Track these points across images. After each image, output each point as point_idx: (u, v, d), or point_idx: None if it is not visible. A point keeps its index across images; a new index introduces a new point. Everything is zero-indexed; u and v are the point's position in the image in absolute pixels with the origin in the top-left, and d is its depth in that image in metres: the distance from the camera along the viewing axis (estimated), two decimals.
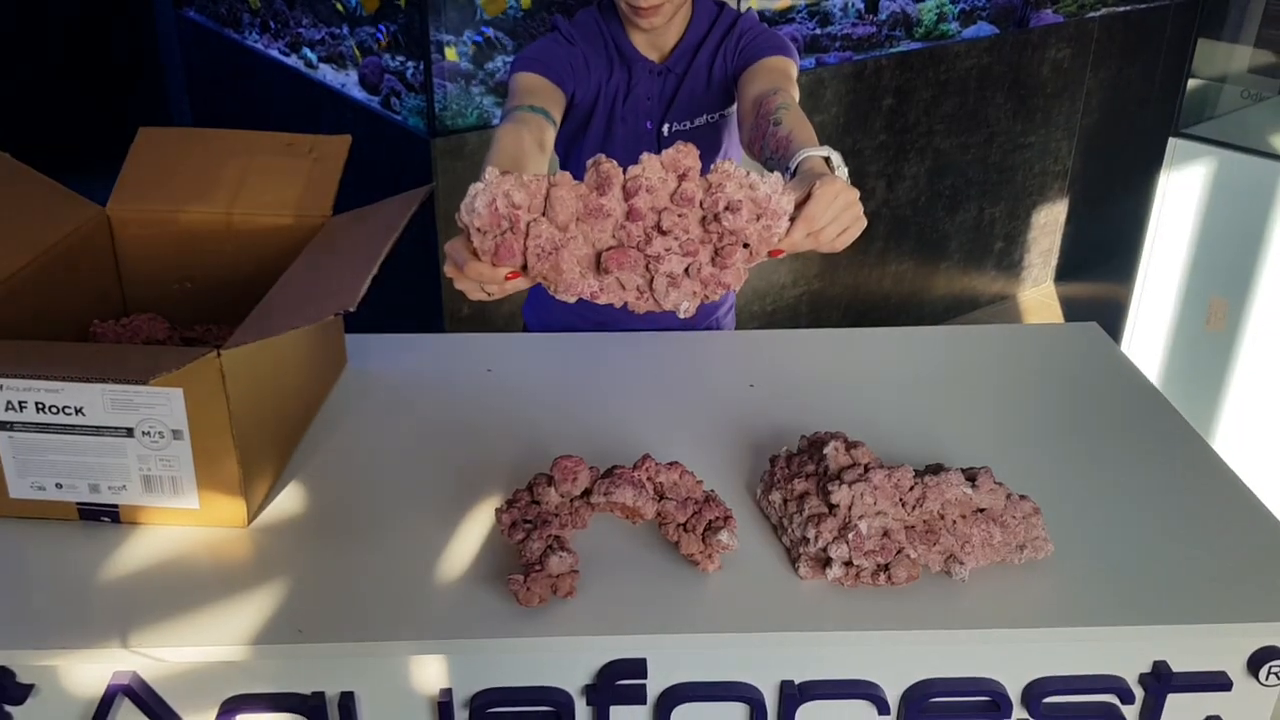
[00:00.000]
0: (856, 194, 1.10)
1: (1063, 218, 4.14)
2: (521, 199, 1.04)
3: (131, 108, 4.63)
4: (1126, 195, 4.22)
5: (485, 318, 2.74)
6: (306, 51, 3.27)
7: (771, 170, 1.19)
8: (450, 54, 2.61)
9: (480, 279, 1.07)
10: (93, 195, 1.53)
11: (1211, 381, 2.92)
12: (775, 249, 1.07)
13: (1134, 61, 4.06)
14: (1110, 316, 3.13)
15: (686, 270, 1.06)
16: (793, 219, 1.07)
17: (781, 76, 1.50)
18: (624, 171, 1.05)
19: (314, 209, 1.49)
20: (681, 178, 1.05)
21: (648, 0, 1.46)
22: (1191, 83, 2.96)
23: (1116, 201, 4.27)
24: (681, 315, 1.09)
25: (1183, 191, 2.89)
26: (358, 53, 3.01)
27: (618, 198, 1.05)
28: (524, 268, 1.06)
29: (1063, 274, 4.27)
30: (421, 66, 2.62)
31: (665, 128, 1.62)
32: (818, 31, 3.28)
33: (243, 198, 1.51)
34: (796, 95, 1.49)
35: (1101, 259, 4.28)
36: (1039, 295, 4.19)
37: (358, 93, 2.99)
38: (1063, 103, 3.87)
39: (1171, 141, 2.88)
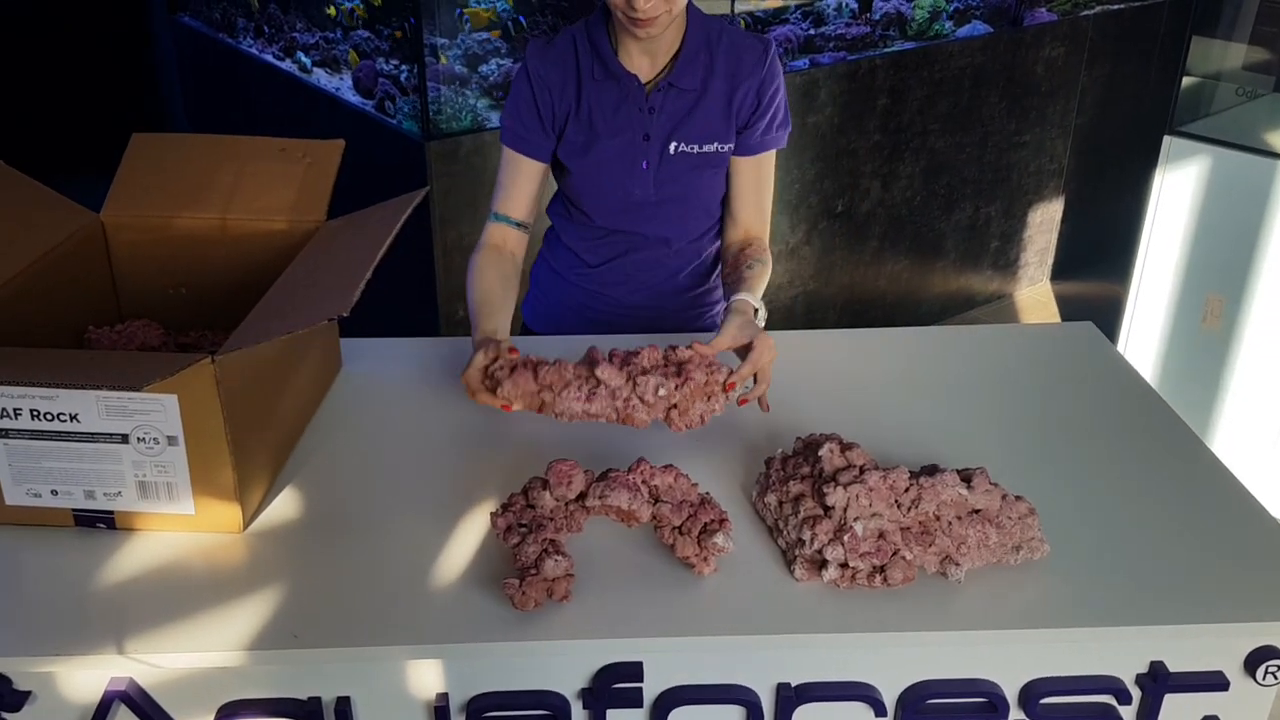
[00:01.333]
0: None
1: (1058, 216, 4.15)
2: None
3: (126, 113, 4.62)
4: (1122, 194, 4.23)
5: None
6: (300, 56, 3.27)
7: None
8: (442, 59, 2.61)
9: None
10: (87, 200, 1.52)
11: (1208, 379, 2.92)
12: (730, 382, 1.34)
13: (1128, 59, 4.06)
14: (1106, 315, 3.13)
15: (662, 377, 1.31)
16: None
17: (765, 193, 1.68)
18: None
19: (308, 214, 1.49)
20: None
21: (645, 13, 1.45)
22: (1186, 80, 2.96)
23: (1112, 200, 4.27)
24: (657, 400, 1.31)
25: (1178, 189, 2.90)
26: (354, 55, 3.01)
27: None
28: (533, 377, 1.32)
29: (1059, 273, 4.27)
30: (415, 70, 2.62)
31: (672, 146, 1.60)
32: (811, 32, 3.28)
33: (236, 203, 1.51)
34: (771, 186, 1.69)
35: (1097, 257, 4.29)
36: (1035, 294, 4.19)
37: (352, 97, 2.99)
38: (1057, 101, 3.87)
39: (1166, 139, 2.89)
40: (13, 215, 1.42)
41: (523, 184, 1.63)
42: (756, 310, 1.52)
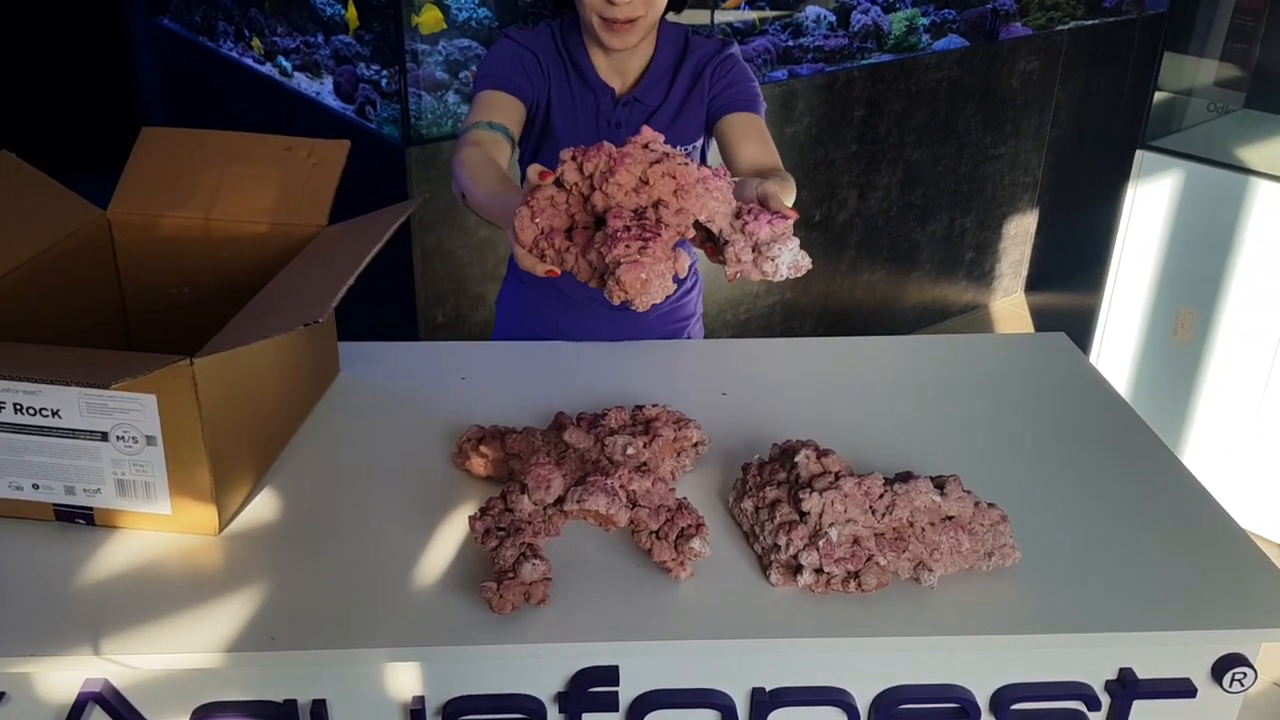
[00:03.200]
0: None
1: (1033, 228, 4.19)
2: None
3: (105, 115, 4.59)
4: (1094, 206, 4.27)
5: (459, 325, 2.74)
6: (281, 60, 3.26)
7: None
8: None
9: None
10: None
11: (1179, 391, 2.96)
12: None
13: (1102, 74, 4.11)
14: (1079, 326, 3.16)
15: (630, 436, 1.26)
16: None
17: (766, 140, 1.53)
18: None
19: (309, 217, 1.48)
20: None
21: (624, 13, 1.43)
22: (1158, 96, 3.00)
23: (1085, 212, 4.32)
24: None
25: (1150, 203, 2.93)
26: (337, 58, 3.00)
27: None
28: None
29: (1033, 284, 4.31)
30: (396, 75, 2.62)
31: None
32: (790, 43, 3.30)
33: (238, 204, 1.50)
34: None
35: (1071, 269, 4.33)
36: (1009, 305, 4.23)
37: (332, 101, 2.98)
38: (1032, 115, 3.91)
39: (1139, 154, 2.92)
40: (17, 208, 1.41)
41: (512, 112, 1.52)
42: None
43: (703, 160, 1.69)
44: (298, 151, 1.53)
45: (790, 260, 1.11)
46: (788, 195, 1.41)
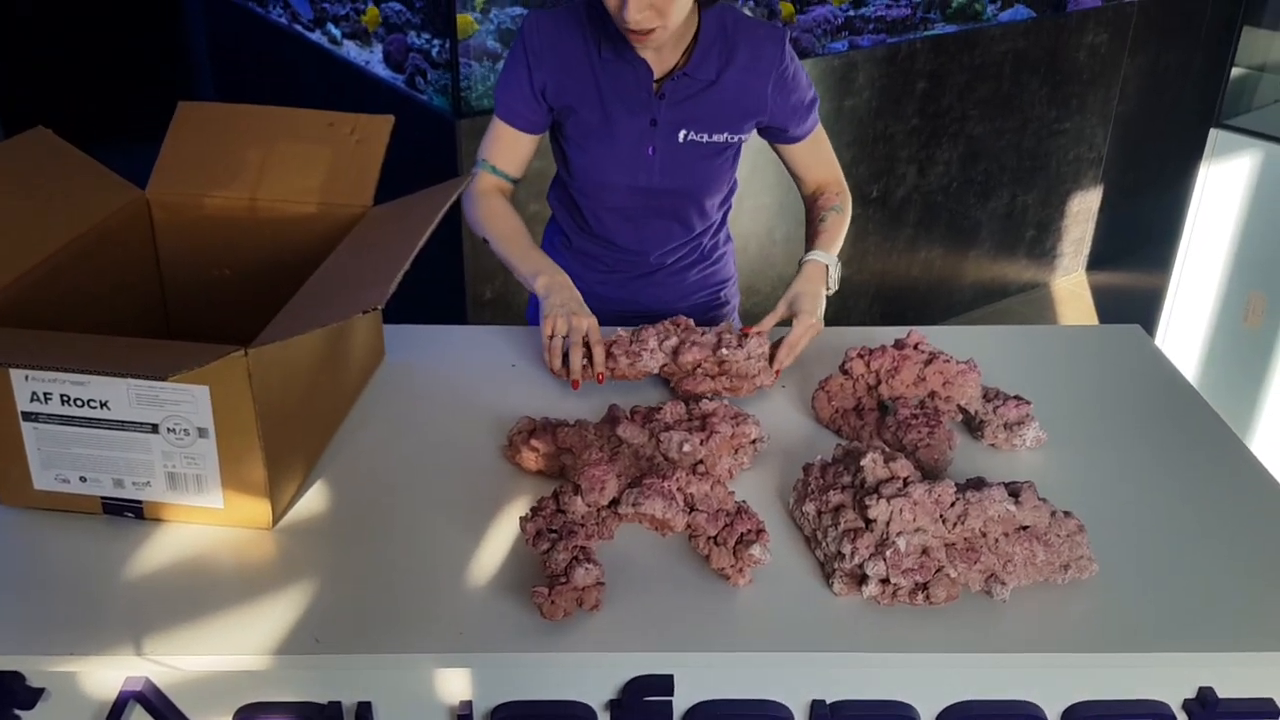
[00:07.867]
0: (821, 327, 1.51)
1: (1096, 206, 4.07)
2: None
3: (154, 82, 4.59)
4: (1162, 185, 4.15)
5: (507, 303, 2.70)
6: (331, 27, 3.22)
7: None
8: (466, 22, 2.56)
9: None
10: (113, 169, 1.48)
11: (1250, 378, 2.86)
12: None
13: (1172, 48, 3.97)
14: (1143, 308, 3.07)
15: (686, 432, 1.29)
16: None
17: (827, 154, 1.69)
18: None
19: (354, 197, 1.45)
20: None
21: (636, 24, 1.39)
22: (1234, 72, 2.88)
23: (1151, 191, 4.19)
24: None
25: (1223, 184, 2.83)
26: (374, 11, 2.96)
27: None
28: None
29: (1095, 263, 4.20)
30: (446, 45, 2.57)
31: (681, 134, 1.56)
32: (851, 13, 3.21)
33: (281, 183, 1.46)
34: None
35: (1135, 249, 4.21)
36: (1070, 284, 4.12)
37: (382, 70, 2.95)
38: (1099, 89, 3.79)
39: (1213, 132, 2.82)
40: (56, 188, 1.38)
41: (518, 150, 1.62)
42: (829, 268, 1.55)
43: (737, 154, 1.64)
44: (340, 127, 1.48)
45: (1033, 436, 1.34)
46: (842, 225, 1.63)
